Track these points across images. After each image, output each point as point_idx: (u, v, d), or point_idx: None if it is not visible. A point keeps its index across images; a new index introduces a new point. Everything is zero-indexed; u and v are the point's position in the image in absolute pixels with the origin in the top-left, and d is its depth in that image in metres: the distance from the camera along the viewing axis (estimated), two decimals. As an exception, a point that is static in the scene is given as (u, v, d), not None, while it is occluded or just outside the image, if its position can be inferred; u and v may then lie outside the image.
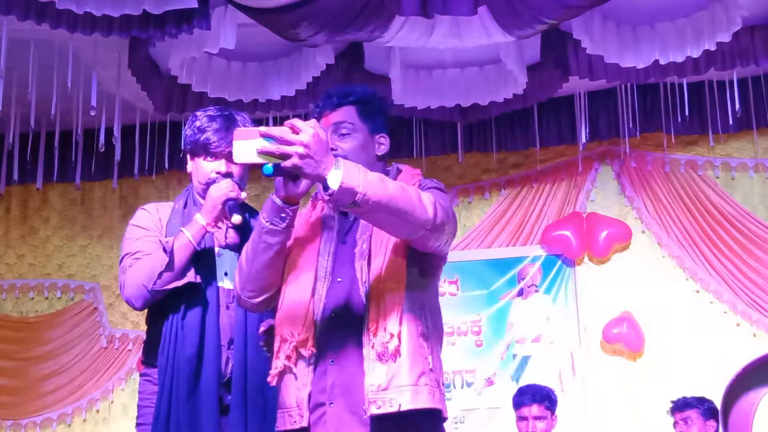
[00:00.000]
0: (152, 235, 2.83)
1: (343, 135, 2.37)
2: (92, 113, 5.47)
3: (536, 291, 6.52)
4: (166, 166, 6.62)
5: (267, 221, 2.29)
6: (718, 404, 4.73)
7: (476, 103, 6.09)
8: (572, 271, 6.52)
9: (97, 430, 6.73)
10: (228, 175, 2.79)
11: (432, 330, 2.33)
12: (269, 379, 2.35)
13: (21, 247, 7.16)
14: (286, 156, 2.05)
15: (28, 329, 6.92)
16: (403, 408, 2.19)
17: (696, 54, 5.39)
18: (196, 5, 4.69)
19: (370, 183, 2.10)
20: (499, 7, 4.87)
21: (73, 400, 6.72)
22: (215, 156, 2.82)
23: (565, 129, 6.70)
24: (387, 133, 2.46)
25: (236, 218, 2.69)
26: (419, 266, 2.32)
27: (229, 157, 2.77)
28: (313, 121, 2.16)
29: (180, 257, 2.72)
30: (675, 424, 5.00)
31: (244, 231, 2.79)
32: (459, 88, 6.08)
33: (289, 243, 2.40)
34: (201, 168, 2.84)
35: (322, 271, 2.35)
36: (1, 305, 7.02)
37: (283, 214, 2.27)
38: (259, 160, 2.09)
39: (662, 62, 5.45)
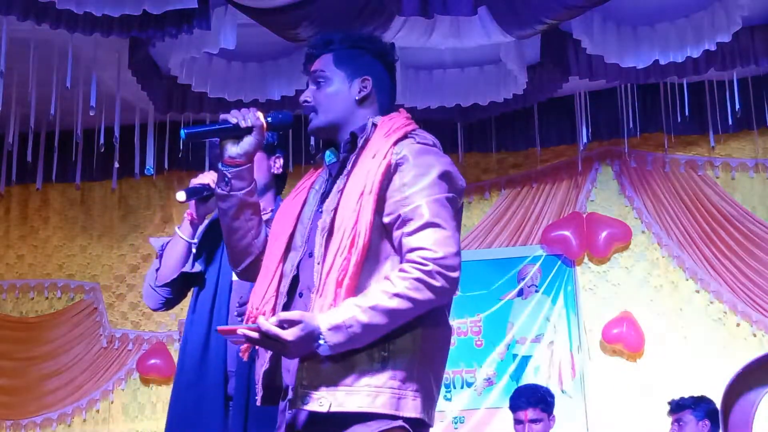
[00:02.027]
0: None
1: (318, 84, 2.25)
2: (92, 113, 5.47)
3: (536, 291, 6.52)
4: (166, 166, 6.61)
5: (216, 187, 2.25)
6: (719, 404, 4.72)
7: (476, 103, 6.09)
8: (572, 271, 6.53)
9: (97, 430, 6.73)
10: None
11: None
12: (240, 353, 2.27)
13: (21, 247, 7.15)
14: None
15: (28, 329, 6.92)
16: (333, 409, 1.97)
17: (696, 54, 5.39)
18: (196, 5, 4.69)
19: (360, 338, 1.96)
20: (499, 7, 4.87)
21: (73, 400, 6.72)
22: None
23: (565, 129, 6.69)
24: (372, 73, 2.26)
25: (179, 195, 2.79)
26: (391, 251, 2.09)
27: None
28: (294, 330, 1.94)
29: (171, 252, 2.88)
30: (671, 424, 5.01)
31: None
32: (459, 88, 6.07)
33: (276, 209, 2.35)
34: None
35: (299, 240, 2.20)
36: (1, 305, 7.01)
37: (225, 178, 2.21)
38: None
39: (662, 62, 5.45)
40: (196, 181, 2.89)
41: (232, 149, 2.18)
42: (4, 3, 4.70)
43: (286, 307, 2.14)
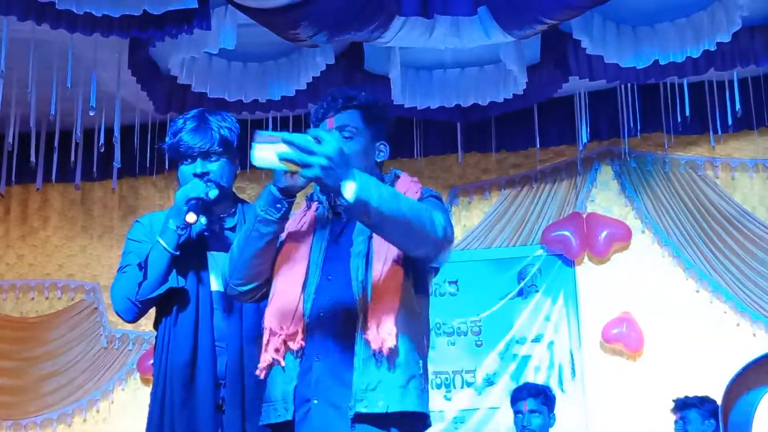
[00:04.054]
0: (143, 247, 2.80)
1: (346, 138, 2.40)
2: (92, 113, 5.47)
3: (536, 291, 6.52)
4: (166, 166, 6.61)
5: (262, 210, 2.31)
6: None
7: (476, 103, 6.09)
8: (572, 271, 6.53)
9: (97, 430, 6.73)
10: (204, 175, 2.75)
11: (423, 336, 2.36)
12: (257, 372, 2.37)
13: (21, 247, 7.16)
14: (307, 165, 2.08)
15: (28, 329, 6.92)
16: (391, 410, 2.20)
17: (696, 54, 5.39)
18: (196, 5, 4.70)
19: (384, 199, 2.13)
20: (499, 7, 4.87)
21: (73, 400, 6.72)
22: (191, 158, 2.77)
23: (565, 129, 6.69)
24: (387, 141, 2.50)
25: (189, 216, 2.66)
26: (414, 272, 2.35)
27: (203, 156, 2.76)
28: (336, 133, 2.33)
29: (156, 265, 2.70)
30: (675, 422, 5.02)
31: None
32: (459, 88, 6.08)
33: (282, 238, 2.42)
34: (182, 173, 2.81)
35: (313, 267, 2.37)
36: (1, 305, 7.02)
37: (278, 205, 2.30)
38: (278, 165, 2.12)
39: (662, 62, 5.45)
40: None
41: (294, 181, 2.28)
42: (4, 3, 4.70)
43: (310, 327, 2.32)
